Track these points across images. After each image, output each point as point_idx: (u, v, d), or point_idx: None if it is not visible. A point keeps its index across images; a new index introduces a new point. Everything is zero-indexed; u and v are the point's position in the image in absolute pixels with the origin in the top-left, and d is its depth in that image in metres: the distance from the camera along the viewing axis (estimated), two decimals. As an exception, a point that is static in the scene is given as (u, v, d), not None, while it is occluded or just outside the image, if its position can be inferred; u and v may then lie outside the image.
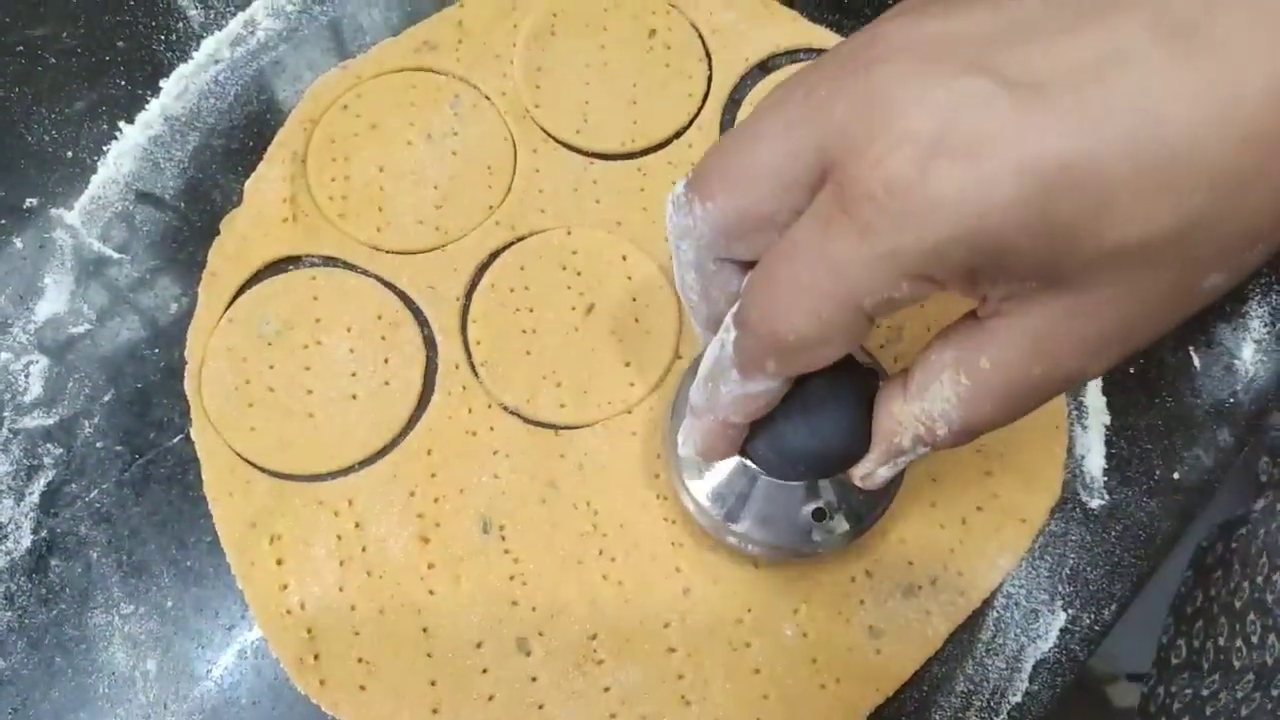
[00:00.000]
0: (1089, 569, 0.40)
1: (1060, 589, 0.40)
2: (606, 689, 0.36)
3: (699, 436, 0.30)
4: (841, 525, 0.34)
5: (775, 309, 0.24)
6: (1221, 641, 0.45)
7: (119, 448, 0.39)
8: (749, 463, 0.32)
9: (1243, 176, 0.20)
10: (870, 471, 0.29)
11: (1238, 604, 0.45)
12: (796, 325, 0.24)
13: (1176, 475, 0.42)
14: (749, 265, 0.26)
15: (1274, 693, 0.39)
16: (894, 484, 0.36)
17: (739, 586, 0.37)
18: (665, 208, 0.27)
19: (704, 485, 0.35)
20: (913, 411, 0.26)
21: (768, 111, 0.24)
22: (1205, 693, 0.44)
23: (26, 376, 0.40)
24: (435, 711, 0.35)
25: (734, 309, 0.26)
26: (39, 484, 0.39)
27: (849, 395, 0.29)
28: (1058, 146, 0.20)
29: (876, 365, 0.36)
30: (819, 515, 0.34)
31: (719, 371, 0.27)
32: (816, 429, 0.29)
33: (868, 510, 0.35)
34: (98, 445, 0.39)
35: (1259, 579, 0.43)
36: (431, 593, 0.36)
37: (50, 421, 0.40)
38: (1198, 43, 0.20)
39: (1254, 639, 0.42)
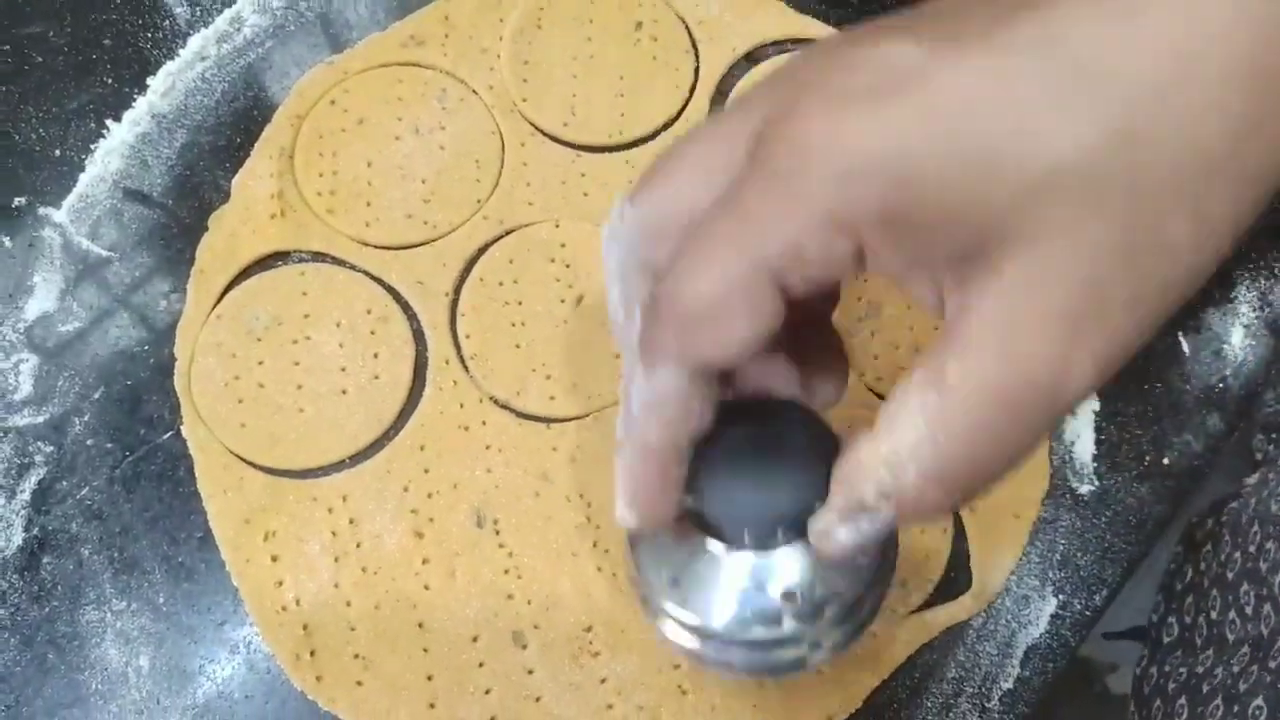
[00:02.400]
0: (1079, 554, 0.40)
1: (1051, 575, 0.40)
2: (603, 680, 0.36)
3: (630, 481, 0.26)
4: (816, 617, 0.28)
5: (680, 274, 0.22)
6: (1214, 615, 0.44)
7: (110, 445, 0.39)
8: (710, 545, 0.27)
9: (1163, 89, 0.19)
10: (827, 528, 0.24)
11: (1230, 575, 0.44)
12: (699, 287, 0.22)
13: (1166, 460, 0.42)
14: None
15: (1271, 664, 0.39)
16: (885, 572, 0.30)
17: (730, 576, 0.37)
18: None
19: (678, 608, 0.29)
20: (879, 450, 0.22)
21: (708, 118, 0.25)
22: (1200, 669, 0.43)
23: (16, 375, 0.40)
24: (432, 706, 0.35)
25: (643, 305, 0.24)
26: (30, 481, 0.39)
27: (804, 450, 0.26)
28: (963, 79, 0.20)
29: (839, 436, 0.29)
30: (789, 597, 0.27)
31: (629, 380, 0.24)
32: (765, 480, 0.26)
33: (853, 601, 0.29)
34: (88, 443, 0.39)
35: (1251, 548, 0.43)
36: (426, 587, 0.36)
37: (41, 419, 0.40)
38: None
39: (1248, 610, 0.42)
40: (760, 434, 0.26)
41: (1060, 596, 0.40)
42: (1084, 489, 0.41)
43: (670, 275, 0.23)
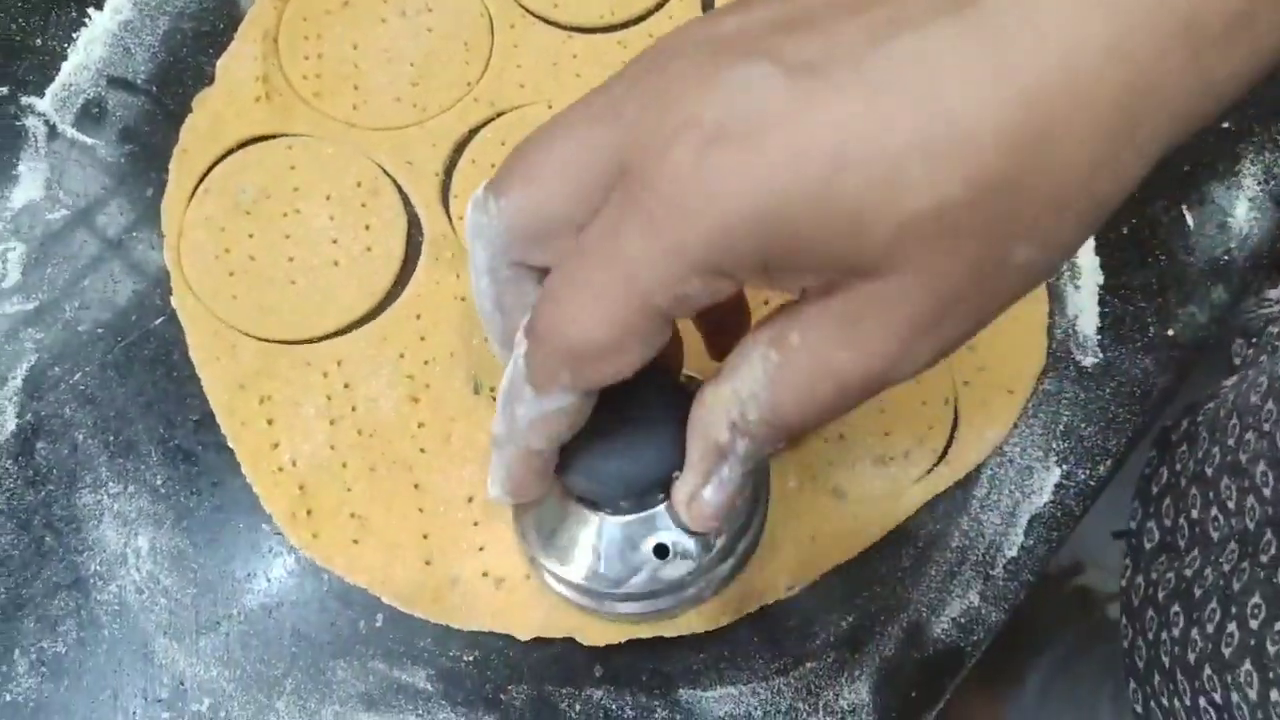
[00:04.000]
0: (1083, 425, 0.40)
1: (1054, 445, 0.40)
2: None
3: (504, 472, 0.27)
4: (689, 563, 0.30)
5: (565, 313, 0.23)
6: (1195, 514, 0.43)
7: (100, 331, 0.39)
8: (584, 509, 0.29)
9: (1030, 141, 0.20)
10: (693, 491, 0.26)
11: (1209, 471, 0.43)
12: (588, 330, 0.22)
13: (1171, 332, 0.41)
14: (546, 275, 0.25)
15: (1263, 558, 0.38)
16: (756, 510, 0.32)
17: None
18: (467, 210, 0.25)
19: (563, 565, 0.31)
20: (723, 393, 0.24)
21: (573, 109, 0.23)
22: (1188, 573, 0.42)
23: (5, 263, 0.40)
24: (428, 563, 0.35)
25: (526, 319, 0.24)
26: (22, 369, 0.38)
27: (666, 411, 0.27)
28: (835, 124, 0.20)
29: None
30: (661, 552, 0.29)
31: (515, 391, 0.25)
32: (630, 448, 0.27)
33: (730, 541, 0.31)
34: (79, 329, 0.39)
35: (1230, 441, 0.42)
36: (422, 450, 0.36)
37: (30, 307, 0.39)
38: (975, 11, 0.20)
39: (1230, 505, 0.41)
40: (622, 402, 0.26)
41: (1064, 466, 0.39)
42: (1088, 361, 0.41)
43: (553, 310, 0.23)
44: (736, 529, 0.32)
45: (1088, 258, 0.42)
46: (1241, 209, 0.43)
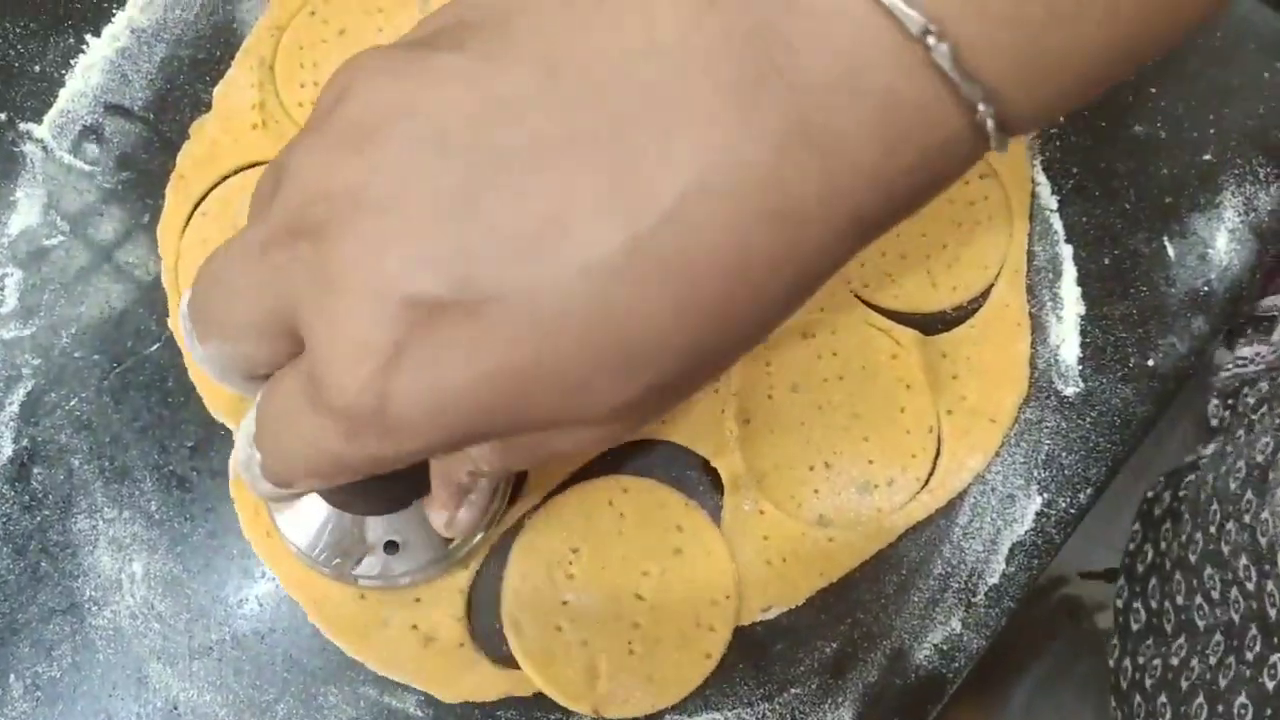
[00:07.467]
0: (1064, 454, 0.41)
1: (1036, 474, 0.40)
2: (564, 601, 0.36)
3: (260, 495, 0.30)
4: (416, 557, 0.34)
5: (281, 464, 0.25)
6: (1180, 600, 0.43)
7: (97, 357, 0.39)
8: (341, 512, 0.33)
9: (706, 331, 0.21)
10: (449, 519, 0.30)
11: (1192, 558, 0.42)
12: (303, 478, 0.25)
13: (1151, 362, 0.42)
14: None
15: (1248, 656, 0.38)
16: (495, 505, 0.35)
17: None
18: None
19: (302, 534, 0.35)
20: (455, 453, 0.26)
21: (237, 258, 0.24)
22: (1175, 661, 0.42)
23: (2, 289, 0.40)
24: (363, 597, 0.35)
25: (254, 429, 0.26)
26: (18, 394, 0.39)
27: None
28: (512, 354, 0.20)
29: None
30: (391, 548, 0.34)
31: (254, 475, 0.27)
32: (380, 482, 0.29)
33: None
34: (76, 355, 0.39)
35: (1211, 529, 0.42)
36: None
37: (27, 333, 0.40)
38: (629, 181, 0.20)
39: (1214, 595, 0.41)
40: None
41: (1045, 495, 0.40)
42: (1069, 391, 0.42)
43: (271, 448, 0.25)
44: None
45: (1069, 288, 0.43)
46: (1222, 241, 0.44)
